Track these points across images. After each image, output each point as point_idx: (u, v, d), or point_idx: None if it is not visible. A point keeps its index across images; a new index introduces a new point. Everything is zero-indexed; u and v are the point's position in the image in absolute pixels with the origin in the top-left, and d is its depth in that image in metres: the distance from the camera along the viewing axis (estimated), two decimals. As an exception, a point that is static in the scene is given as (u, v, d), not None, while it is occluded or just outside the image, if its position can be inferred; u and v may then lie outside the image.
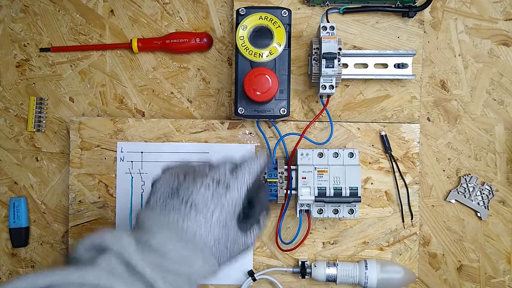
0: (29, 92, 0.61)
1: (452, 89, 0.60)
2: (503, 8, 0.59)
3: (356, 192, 0.53)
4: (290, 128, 0.58)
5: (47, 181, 0.61)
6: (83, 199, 0.58)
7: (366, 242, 0.58)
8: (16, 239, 0.60)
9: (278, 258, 0.58)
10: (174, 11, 0.61)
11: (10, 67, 0.62)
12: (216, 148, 0.58)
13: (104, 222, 0.58)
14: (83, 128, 0.58)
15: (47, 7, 0.61)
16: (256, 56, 0.51)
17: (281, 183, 0.53)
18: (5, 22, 0.61)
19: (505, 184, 0.59)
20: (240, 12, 0.51)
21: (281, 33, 0.51)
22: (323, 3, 0.57)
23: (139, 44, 0.59)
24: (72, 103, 0.62)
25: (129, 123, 0.58)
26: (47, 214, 0.61)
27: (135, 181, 0.58)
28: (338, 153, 0.55)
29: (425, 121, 0.60)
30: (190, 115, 0.61)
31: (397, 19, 0.58)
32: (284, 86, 0.52)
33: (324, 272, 0.55)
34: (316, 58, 0.52)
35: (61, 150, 0.61)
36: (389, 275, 0.55)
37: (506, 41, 0.59)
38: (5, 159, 0.61)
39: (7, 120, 0.62)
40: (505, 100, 0.59)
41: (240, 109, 0.52)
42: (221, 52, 0.61)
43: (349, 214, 0.55)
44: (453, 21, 0.59)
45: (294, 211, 0.57)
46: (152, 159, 0.58)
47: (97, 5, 0.61)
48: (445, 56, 0.60)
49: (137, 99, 0.61)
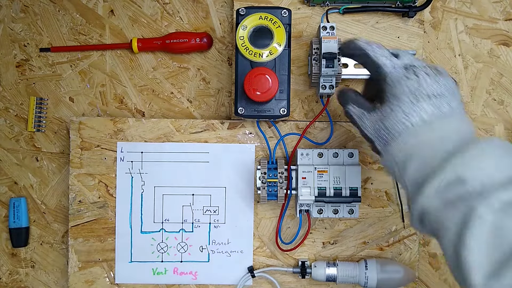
0: (29, 92, 0.61)
1: (452, 89, 0.60)
2: (503, 8, 0.59)
3: (356, 192, 0.53)
4: (290, 128, 0.58)
5: (47, 181, 0.61)
6: (83, 199, 0.58)
7: (366, 242, 0.58)
8: (16, 239, 0.60)
9: (278, 258, 0.58)
10: (174, 11, 0.61)
11: (10, 67, 0.62)
12: (216, 148, 0.58)
13: (104, 222, 0.58)
14: (83, 128, 0.58)
15: (47, 7, 0.61)
16: (256, 56, 0.51)
17: (281, 183, 0.53)
18: (5, 22, 0.61)
19: (505, 184, 0.59)
20: (240, 12, 0.51)
21: (281, 33, 0.51)
22: (323, 3, 0.57)
23: (139, 44, 0.59)
24: (72, 103, 0.62)
25: (129, 123, 0.58)
26: (47, 214, 0.61)
27: (135, 181, 0.58)
28: (338, 153, 0.55)
29: (425, 121, 0.60)
30: (190, 115, 0.61)
31: (397, 19, 0.58)
32: (284, 86, 0.52)
33: (324, 272, 0.55)
34: (316, 58, 0.52)
35: (61, 150, 0.61)
36: (389, 275, 0.55)
37: (506, 41, 0.59)
38: (5, 159, 0.61)
39: (7, 120, 0.62)
40: (505, 100, 0.59)
41: (240, 109, 0.52)
42: (221, 52, 0.61)
43: (349, 214, 0.55)
44: (453, 21, 0.59)
45: (294, 211, 0.57)
46: (152, 159, 0.58)
47: (97, 5, 0.61)
48: (445, 56, 0.60)
49: (137, 99, 0.61)
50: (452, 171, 0.34)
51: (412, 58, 0.42)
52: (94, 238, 0.58)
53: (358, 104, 0.44)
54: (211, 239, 0.58)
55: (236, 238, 0.58)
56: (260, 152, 0.58)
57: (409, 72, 0.40)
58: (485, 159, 0.34)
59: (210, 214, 0.58)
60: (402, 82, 0.40)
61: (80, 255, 0.58)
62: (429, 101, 0.39)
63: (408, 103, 0.39)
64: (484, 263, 0.31)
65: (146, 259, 0.58)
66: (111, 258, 0.58)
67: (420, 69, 0.40)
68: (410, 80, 0.39)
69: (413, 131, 0.38)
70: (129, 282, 0.58)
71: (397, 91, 0.40)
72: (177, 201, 0.58)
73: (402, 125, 0.39)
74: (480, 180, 0.33)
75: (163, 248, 0.58)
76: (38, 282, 0.61)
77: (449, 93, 0.39)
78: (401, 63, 0.41)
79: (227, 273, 0.58)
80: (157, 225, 0.58)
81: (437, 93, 0.39)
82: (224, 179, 0.58)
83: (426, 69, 0.40)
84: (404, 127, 0.39)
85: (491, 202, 0.32)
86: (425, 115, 0.38)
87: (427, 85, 0.39)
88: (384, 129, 0.40)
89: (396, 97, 0.40)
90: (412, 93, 0.39)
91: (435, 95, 0.39)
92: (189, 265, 0.58)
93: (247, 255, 0.58)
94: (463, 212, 0.33)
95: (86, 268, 0.58)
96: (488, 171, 0.34)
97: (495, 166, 0.34)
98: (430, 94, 0.39)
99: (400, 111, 0.39)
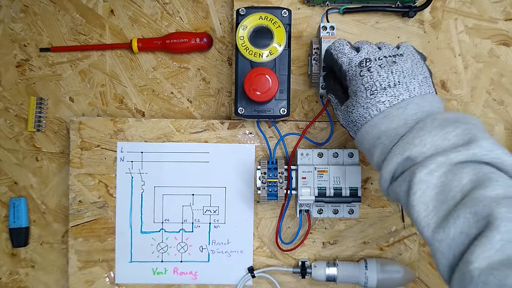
0: (29, 92, 0.61)
1: (452, 89, 0.60)
2: (503, 8, 0.59)
3: (356, 192, 0.53)
4: (290, 128, 0.58)
5: (47, 181, 0.61)
6: (83, 199, 0.58)
7: (366, 242, 0.58)
8: (16, 239, 0.60)
9: (278, 258, 0.58)
10: (174, 11, 0.61)
11: (10, 67, 0.62)
12: (216, 148, 0.58)
13: (104, 222, 0.58)
14: (83, 128, 0.58)
15: (47, 7, 0.61)
16: (256, 56, 0.51)
17: (281, 183, 0.53)
18: (5, 22, 0.61)
19: (505, 184, 0.59)
20: (240, 12, 0.51)
21: (281, 33, 0.51)
22: (323, 3, 0.57)
23: (139, 44, 0.59)
24: (72, 103, 0.62)
25: (129, 123, 0.58)
26: (47, 214, 0.61)
27: (135, 181, 0.58)
28: (338, 153, 0.55)
29: (425, 121, 0.60)
30: (190, 115, 0.61)
31: (397, 19, 0.58)
32: (284, 86, 0.52)
33: (324, 272, 0.55)
34: (316, 58, 0.52)
35: (61, 150, 0.61)
36: (389, 275, 0.55)
37: (506, 41, 0.59)
38: (5, 159, 0.61)
39: (7, 120, 0.62)
40: (505, 100, 0.59)
41: (240, 109, 0.52)
42: (221, 52, 0.61)
43: (349, 214, 0.55)
44: (453, 21, 0.59)
45: (294, 211, 0.57)
46: (152, 159, 0.58)
47: (97, 5, 0.61)
48: (445, 56, 0.60)
49: (137, 99, 0.61)
50: (399, 153, 0.39)
51: (370, 49, 0.44)
52: (94, 238, 0.58)
53: (335, 93, 0.48)
54: (211, 239, 0.58)
55: (236, 238, 0.58)
56: (260, 152, 0.58)
57: (363, 68, 0.43)
58: (427, 135, 0.38)
59: (210, 214, 0.58)
60: (358, 80, 0.43)
61: (80, 255, 0.58)
62: (384, 92, 0.41)
63: (365, 98, 0.42)
64: (431, 219, 0.36)
65: (146, 259, 0.58)
66: (111, 258, 0.58)
67: (374, 63, 0.43)
68: (364, 77, 0.43)
69: (373, 123, 0.42)
70: (129, 282, 0.58)
71: (354, 88, 0.43)
72: (177, 201, 0.58)
73: (363, 118, 0.43)
74: (422, 153, 0.38)
75: (163, 248, 0.58)
76: (38, 282, 0.61)
77: (406, 78, 0.42)
78: (358, 59, 0.44)
79: (227, 273, 0.58)
80: (157, 225, 0.58)
81: (392, 83, 0.41)
82: (224, 179, 0.58)
83: (381, 60, 0.43)
84: (364, 120, 0.43)
85: (430, 167, 0.37)
86: (382, 106, 0.41)
87: (381, 79, 0.42)
88: (350, 122, 0.45)
89: (354, 93, 0.43)
90: (367, 89, 0.42)
91: (390, 86, 0.41)
92: (189, 265, 0.58)
93: (247, 255, 0.58)
94: (408, 181, 0.38)
95: (86, 268, 0.58)
96: (429, 144, 0.38)
97: (438, 138, 0.38)
98: (385, 86, 0.41)
99: (359, 106, 0.43)
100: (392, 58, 0.43)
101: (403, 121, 0.40)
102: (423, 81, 0.42)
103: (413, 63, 0.43)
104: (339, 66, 0.45)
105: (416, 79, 0.42)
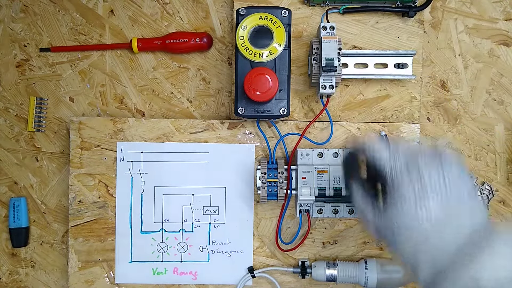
0: (29, 92, 0.61)
1: (452, 89, 0.60)
2: (503, 8, 0.59)
3: (356, 192, 0.53)
4: (290, 128, 0.58)
5: (47, 181, 0.61)
6: (83, 199, 0.58)
7: (366, 242, 0.58)
8: (16, 239, 0.60)
9: (278, 258, 0.58)
10: (174, 11, 0.61)
11: (10, 67, 0.62)
12: (216, 148, 0.58)
13: (104, 222, 0.58)
14: (83, 128, 0.58)
15: (47, 7, 0.61)
16: (256, 56, 0.51)
17: (281, 183, 0.53)
18: (5, 22, 0.61)
19: (505, 184, 0.59)
20: (240, 12, 0.51)
21: (281, 33, 0.51)
22: (323, 3, 0.57)
23: (139, 44, 0.59)
24: (72, 103, 0.62)
25: (129, 123, 0.58)
26: (47, 214, 0.61)
27: (135, 181, 0.58)
28: (338, 153, 0.55)
29: (425, 121, 0.60)
30: (190, 115, 0.61)
31: (397, 19, 0.58)
32: (284, 86, 0.52)
33: (324, 272, 0.55)
34: (316, 58, 0.52)
35: (61, 150, 0.61)
36: (389, 275, 0.55)
37: (506, 41, 0.59)
38: (5, 159, 0.61)
39: (7, 120, 0.62)
40: (505, 100, 0.59)
41: (240, 109, 0.52)
42: (221, 52, 0.61)
43: (349, 214, 0.55)
44: (453, 21, 0.59)
45: (294, 211, 0.57)
46: (152, 159, 0.58)
47: (97, 5, 0.61)
48: (445, 56, 0.60)
49: (137, 99, 0.61)
50: (465, 272, 0.35)
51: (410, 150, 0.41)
52: (94, 238, 0.58)
53: (363, 186, 0.43)
54: (211, 239, 0.58)
55: (236, 238, 0.58)
56: (260, 152, 0.58)
57: (411, 171, 0.39)
58: (498, 258, 0.35)
59: (210, 214, 0.58)
60: (405, 183, 0.39)
61: (80, 255, 0.58)
62: (436, 198, 0.38)
63: (413, 204, 0.38)
64: None
65: (146, 259, 0.58)
66: (111, 258, 0.58)
67: (423, 168, 0.39)
68: (412, 182, 0.39)
69: (422, 231, 0.38)
70: (129, 282, 0.58)
71: (402, 191, 0.39)
72: (177, 201, 0.58)
73: (410, 224, 0.38)
74: (495, 278, 0.34)
75: (163, 248, 0.58)
76: (38, 282, 0.61)
77: (456, 181, 0.39)
78: (403, 161, 0.40)
79: (227, 273, 0.58)
80: (157, 225, 0.58)
81: (443, 188, 0.38)
82: (224, 179, 0.58)
83: (429, 165, 0.39)
84: (411, 226, 0.38)
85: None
86: (433, 214, 0.38)
87: (432, 183, 0.38)
88: (388, 228, 0.40)
89: (401, 196, 0.39)
90: (416, 194, 0.38)
91: (442, 192, 0.38)
92: (189, 265, 0.58)
93: (247, 255, 0.58)
94: None
95: (86, 268, 0.58)
96: (502, 269, 0.34)
97: (509, 262, 0.34)
98: (436, 191, 0.38)
99: (406, 212, 0.38)
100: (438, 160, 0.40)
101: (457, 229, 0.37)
102: (469, 180, 0.40)
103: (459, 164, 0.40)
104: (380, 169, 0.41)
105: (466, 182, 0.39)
